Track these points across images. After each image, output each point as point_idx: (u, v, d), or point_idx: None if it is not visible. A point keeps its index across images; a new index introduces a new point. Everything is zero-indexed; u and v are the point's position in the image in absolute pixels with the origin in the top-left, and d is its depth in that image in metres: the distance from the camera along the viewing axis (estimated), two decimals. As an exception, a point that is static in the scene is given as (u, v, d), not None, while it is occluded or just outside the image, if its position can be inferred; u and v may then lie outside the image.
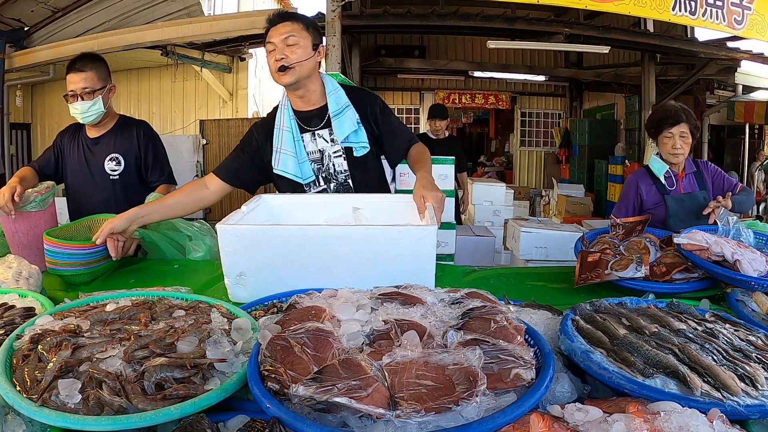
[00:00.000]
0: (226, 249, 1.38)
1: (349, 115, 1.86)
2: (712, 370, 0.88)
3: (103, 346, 0.95)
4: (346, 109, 1.86)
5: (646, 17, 5.56)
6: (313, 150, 1.91)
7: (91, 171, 2.31)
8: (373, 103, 1.93)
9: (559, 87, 10.69)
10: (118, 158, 2.31)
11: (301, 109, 1.90)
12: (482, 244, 3.92)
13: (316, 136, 1.90)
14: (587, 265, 1.59)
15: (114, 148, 2.32)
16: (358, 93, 1.94)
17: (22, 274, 1.45)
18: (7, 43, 6.44)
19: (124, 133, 2.34)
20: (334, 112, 1.86)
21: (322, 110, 1.89)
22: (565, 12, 7.41)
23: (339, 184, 1.93)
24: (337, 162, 1.91)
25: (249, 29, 5.83)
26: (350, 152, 1.89)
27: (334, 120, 1.86)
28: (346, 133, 1.85)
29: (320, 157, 1.92)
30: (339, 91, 1.88)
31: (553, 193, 8.46)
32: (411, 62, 8.37)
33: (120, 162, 2.31)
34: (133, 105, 8.53)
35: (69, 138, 2.36)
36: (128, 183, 2.33)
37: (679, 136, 2.34)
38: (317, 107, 1.89)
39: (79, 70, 2.19)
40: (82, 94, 2.19)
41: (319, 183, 1.94)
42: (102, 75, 2.25)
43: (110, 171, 2.30)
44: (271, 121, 1.92)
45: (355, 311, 1.05)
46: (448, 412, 0.74)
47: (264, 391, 0.81)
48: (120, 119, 2.39)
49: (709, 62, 6.55)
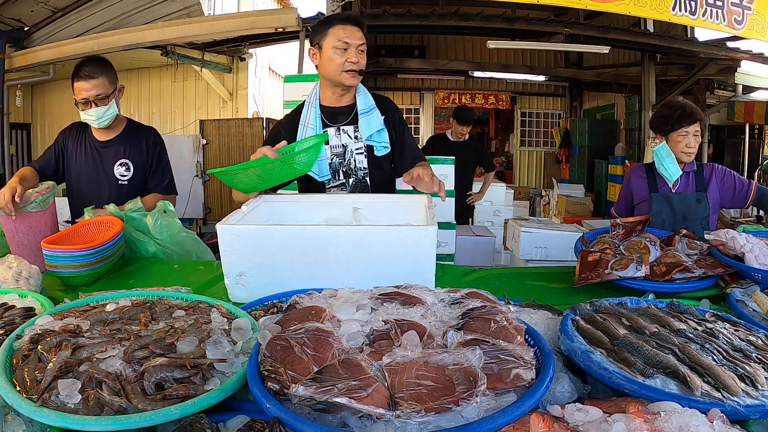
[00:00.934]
0: (226, 249, 1.38)
1: (375, 116, 1.96)
2: (713, 370, 0.88)
3: (103, 346, 0.95)
4: (372, 110, 1.97)
5: (646, 17, 5.56)
6: (337, 144, 1.99)
7: (99, 174, 2.32)
8: (395, 111, 2.06)
9: (559, 87, 10.67)
10: (128, 164, 2.33)
11: (331, 104, 2.00)
12: (482, 244, 3.92)
13: (340, 131, 1.99)
14: (587, 265, 1.59)
15: (124, 154, 2.34)
16: (382, 99, 2.07)
17: (22, 274, 1.45)
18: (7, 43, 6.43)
19: (133, 139, 2.36)
20: (362, 111, 1.96)
21: (350, 108, 1.99)
22: (565, 12, 7.40)
23: (358, 180, 2.00)
24: (358, 159, 1.99)
25: (249, 29, 5.83)
26: (371, 151, 1.97)
27: (362, 117, 1.95)
28: (372, 131, 1.94)
29: (342, 152, 1.99)
30: (367, 93, 2.01)
31: (553, 193, 8.46)
32: (411, 62, 8.36)
33: (129, 168, 2.33)
34: (133, 105, 8.52)
35: (73, 138, 2.36)
36: (135, 188, 2.35)
37: (693, 134, 2.29)
38: (346, 105, 2.00)
39: (89, 77, 2.18)
40: (96, 101, 2.20)
41: (339, 177, 2.00)
42: (111, 78, 2.26)
43: (119, 176, 2.32)
44: (296, 118, 2.00)
45: (355, 311, 1.05)
46: (448, 412, 0.74)
47: (264, 391, 0.81)
48: (128, 124, 2.41)
49: (709, 62, 6.54)
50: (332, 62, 1.87)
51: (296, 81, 4.15)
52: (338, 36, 1.85)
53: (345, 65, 1.86)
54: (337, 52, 1.86)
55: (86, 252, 1.62)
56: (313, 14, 5.60)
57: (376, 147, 1.96)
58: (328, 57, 1.88)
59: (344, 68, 1.86)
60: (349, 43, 1.85)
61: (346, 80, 1.88)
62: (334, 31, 1.86)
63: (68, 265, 1.60)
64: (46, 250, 1.61)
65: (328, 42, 1.87)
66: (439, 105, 10.60)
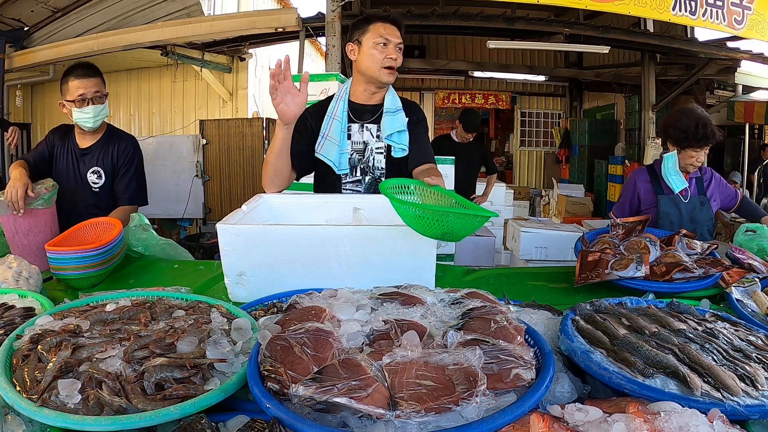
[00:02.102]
0: (226, 248, 1.38)
1: (399, 117, 1.98)
2: (712, 370, 0.88)
3: (103, 346, 0.95)
4: (398, 111, 1.99)
5: (646, 17, 5.56)
6: (359, 140, 2.01)
7: (76, 180, 2.33)
8: (418, 114, 2.06)
9: (559, 87, 10.68)
10: (99, 171, 2.34)
11: (361, 102, 2.02)
12: (482, 244, 3.92)
13: (364, 128, 2.01)
14: (587, 265, 1.59)
15: (97, 161, 2.34)
16: (410, 103, 2.08)
17: (22, 274, 1.45)
18: (7, 43, 6.43)
19: (109, 147, 2.37)
20: (388, 110, 1.98)
21: (377, 107, 2.01)
22: (565, 12, 7.40)
23: (374, 179, 2.01)
24: (377, 158, 2.01)
25: (249, 29, 5.83)
26: (389, 151, 1.99)
27: (386, 116, 1.97)
28: (393, 131, 1.95)
29: (363, 149, 2.01)
30: (395, 95, 2.03)
31: (553, 193, 8.46)
32: (411, 62, 8.35)
33: (101, 176, 2.34)
34: (133, 105, 8.52)
35: (59, 140, 2.37)
36: (107, 195, 2.36)
37: (704, 151, 2.32)
38: (374, 104, 2.02)
39: (89, 75, 2.23)
40: (94, 98, 2.23)
41: (356, 174, 2.02)
42: (103, 81, 2.31)
43: (92, 183, 2.34)
44: (323, 109, 2.01)
45: (355, 311, 1.05)
46: (448, 413, 0.74)
47: (264, 391, 0.81)
48: (108, 130, 2.40)
49: (709, 62, 6.54)
50: (372, 58, 1.91)
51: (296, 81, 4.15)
52: (379, 32, 1.89)
53: (384, 61, 1.90)
54: (378, 47, 1.89)
55: (94, 252, 1.59)
56: (313, 14, 5.60)
57: (394, 148, 1.97)
58: (367, 53, 1.91)
59: (383, 64, 1.90)
60: (389, 40, 1.89)
61: (384, 76, 1.92)
62: (375, 28, 1.90)
63: (75, 267, 1.57)
64: (51, 252, 1.58)
65: (368, 38, 1.90)
66: (439, 105, 10.61)
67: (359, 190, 2.02)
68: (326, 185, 2.03)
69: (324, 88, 3.74)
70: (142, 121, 8.50)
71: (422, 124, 2.06)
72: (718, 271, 1.52)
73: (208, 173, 7.00)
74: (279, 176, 1.89)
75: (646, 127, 7.07)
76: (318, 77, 3.88)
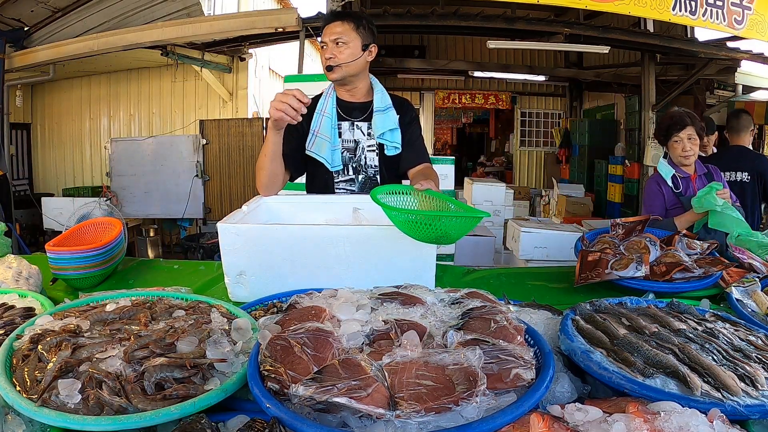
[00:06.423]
0: (226, 248, 1.38)
1: (390, 115, 1.96)
2: (712, 370, 0.88)
3: (103, 346, 0.95)
4: (388, 109, 1.97)
5: (646, 17, 5.55)
6: (349, 139, 1.99)
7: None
8: (411, 112, 2.04)
9: (559, 87, 10.67)
10: None
11: (346, 99, 2.00)
12: (482, 244, 3.93)
13: (354, 127, 1.99)
14: (587, 265, 1.59)
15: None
16: (401, 100, 2.06)
17: (22, 274, 1.45)
18: (7, 43, 6.42)
19: None
20: (378, 109, 1.96)
21: (366, 105, 1.99)
22: (565, 12, 7.40)
23: (368, 177, 2.00)
24: (369, 156, 1.99)
25: (249, 29, 5.82)
26: (382, 149, 1.97)
27: (376, 114, 1.95)
28: (384, 130, 1.94)
29: (354, 147, 1.99)
30: (385, 92, 2.00)
31: (553, 193, 8.45)
32: (411, 62, 8.35)
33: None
34: (133, 105, 8.51)
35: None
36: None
37: (687, 138, 2.44)
38: (362, 101, 2.00)
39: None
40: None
41: (348, 172, 2.00)
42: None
43: None
44: (312, 105, 1.98)
45: (355, 311, 1.05)
46: (448, 412, 0.74)
47: (264, 391, 0.81)
48: None
49: (709, 62, 6.53)
50: (321, 63, 1.93)
51: (296, 81, 4.16)
52: (321, 36, 1.91)
53: (324, 63, 1.90)
54: (321, 52, 1.92)
55: (94, 252, 1.59)
56: (313, 14, 5.60)
57: (386, 146, 1.96)
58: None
59: (324, 66, 1.91)
60: (326, 42, 1.89)
61: (328, 77, 1.93)
62: (322, 33, 1.92)
63: (76, 267, 1.57)
64: (51, 252, 1.57)
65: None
66: (439, 105, 10.60)
67: (353, 189, 2.00)
68: (319, 184, 2.01)
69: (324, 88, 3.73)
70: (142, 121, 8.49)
71: (416, 123, 2.04)
72: (718, 270, 1.53)
73: (208, 173, 6.99)
74: (274, 179, 1.87)
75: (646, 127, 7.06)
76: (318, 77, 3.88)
